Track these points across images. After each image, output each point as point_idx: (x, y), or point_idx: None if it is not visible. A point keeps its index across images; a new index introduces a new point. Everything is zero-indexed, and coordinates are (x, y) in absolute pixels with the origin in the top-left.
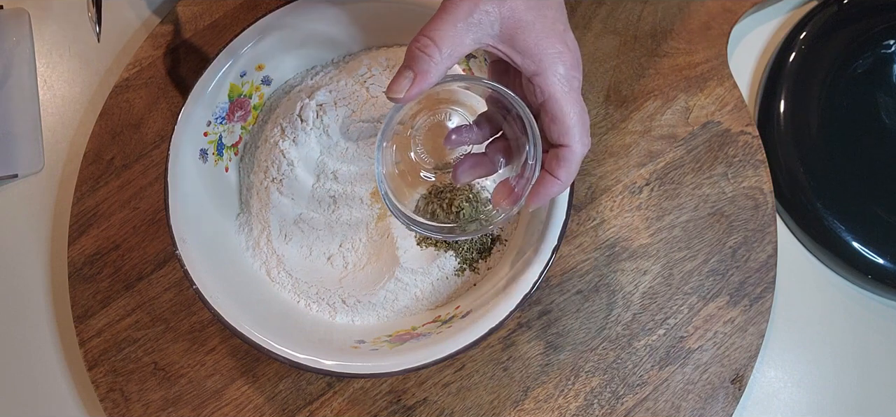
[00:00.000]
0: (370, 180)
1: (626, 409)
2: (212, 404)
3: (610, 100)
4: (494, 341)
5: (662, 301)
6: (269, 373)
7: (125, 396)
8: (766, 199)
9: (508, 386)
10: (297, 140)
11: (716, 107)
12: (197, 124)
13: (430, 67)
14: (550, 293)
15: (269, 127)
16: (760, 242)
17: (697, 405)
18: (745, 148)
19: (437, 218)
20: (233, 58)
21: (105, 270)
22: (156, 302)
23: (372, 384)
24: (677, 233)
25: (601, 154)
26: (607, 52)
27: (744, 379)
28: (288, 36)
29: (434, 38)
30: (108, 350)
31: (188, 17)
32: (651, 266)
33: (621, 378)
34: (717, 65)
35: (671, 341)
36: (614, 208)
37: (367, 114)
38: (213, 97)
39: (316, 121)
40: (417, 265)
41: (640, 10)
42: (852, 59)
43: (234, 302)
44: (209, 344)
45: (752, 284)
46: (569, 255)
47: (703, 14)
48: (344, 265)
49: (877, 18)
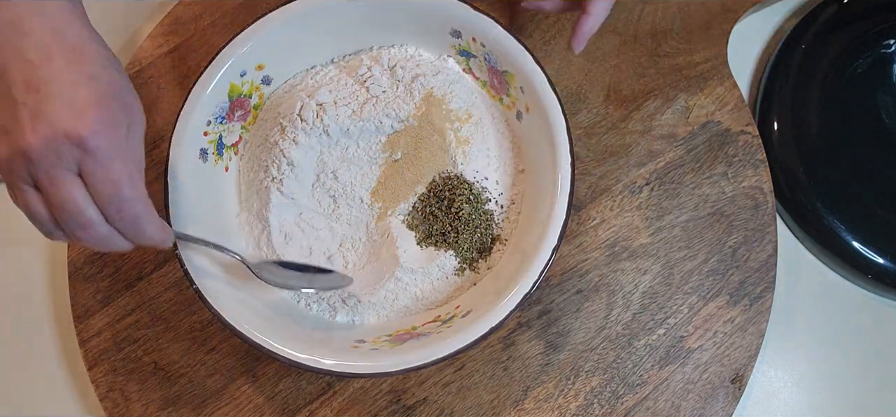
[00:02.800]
0: (370, 180)
1: (626, 409)
2: (212, 403)
3: (610, 99)
4: (494, 341)
5: (662, 300)
6: (269, 373)
7: (125, 396)
8: (766, 199)
9: (508, 386)
10: (297, 140)
11: (716, 107)
12: (197, 124)
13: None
14: (550, 293)
15: (268, 126)
16: (760, 242)
17: (697, 404)
18: (745, 147)
19: (436, 220)
20: (233, 57)
21: (105, 270)
22: (156, 301)
23: (372, 383)
24: (677, 233)
25: (601, 153)
26: (607, 51)
27: (744, 379)
28: (288, 35)
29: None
30: (108, 350)
31: (188, 16)
32: (651, 265)
33: (621, 378)
34: (717, 64)
35: (671, 341)
36: (614, 208)
37: (367, 114)
38: (213, 97)
39: (316, 120)
40: (417, 265)
41: (640, 10)
42: (852, 59)
43: (234, 301)
44: (209, 343)
45: (752, 284)
46: (569, 255)
47: (703, 14)
48: (344, 265)
49: (877, 18)
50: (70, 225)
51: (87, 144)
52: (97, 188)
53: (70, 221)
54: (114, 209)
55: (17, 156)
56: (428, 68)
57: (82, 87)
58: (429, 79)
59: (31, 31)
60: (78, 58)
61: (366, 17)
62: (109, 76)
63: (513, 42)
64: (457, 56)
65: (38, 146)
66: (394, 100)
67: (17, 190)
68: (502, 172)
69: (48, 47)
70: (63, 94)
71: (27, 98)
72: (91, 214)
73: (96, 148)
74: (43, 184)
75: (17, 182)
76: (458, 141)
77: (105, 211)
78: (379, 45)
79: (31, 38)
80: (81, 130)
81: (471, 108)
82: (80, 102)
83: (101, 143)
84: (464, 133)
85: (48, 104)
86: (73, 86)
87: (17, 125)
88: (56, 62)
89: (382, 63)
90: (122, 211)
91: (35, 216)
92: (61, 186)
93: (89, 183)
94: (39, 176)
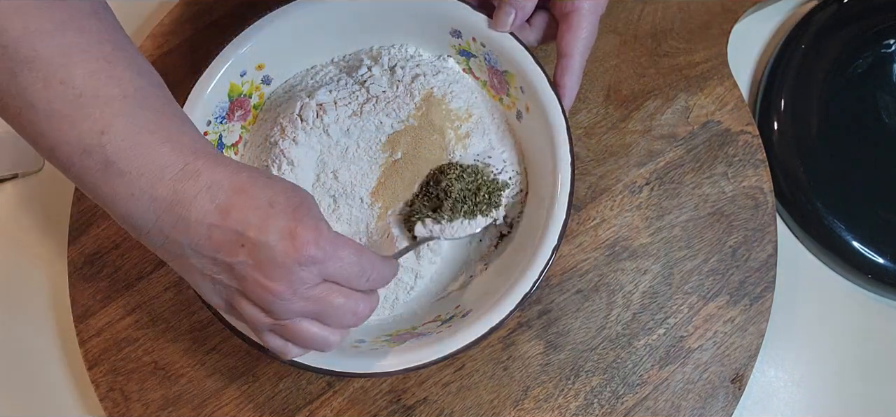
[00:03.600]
0: (370, 180)
1: (626, 409)
2: (212, 403)
3: (610, 99)
4: (494, 340)
5: (662, 300)
6: (269, 373)
7: (125, 396)
8: (766, 199)
9: (508, 386)
10: (297, 140)
11: (716, 107)
12: (197, 124)
13: (528, 3)
14: (550, 292)
15: (268, 126)
16: (760, 242)
17: (697, 404)
18: (745, 147)
19: (425, 205)
20: (233, 57)
21: (105, 269)
22: (156, 301)
23: (372, 383)
24: (677, 233)
25: (601, 153)
26: (607, 51)
27: (744, 379)
28: (288, 35)
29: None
30: (108, 350)
31: (188, 16)
32: (651, 265)
33: (621, 378)
34: (717, 64)
35: (671, 340)
36: (614, 207)
37: (368, 114)
38: (213, 97)
39: (316, 120)
40: (417, 265)
41: (640, 10)
42: (852, 59)
43: None
44: (209, 343)
45: (752, 284)
46: (569, 255)
47: (703, 13)
48: None
49: (877, 18)
50: (348, 321)
51: (317, 258)
52: (346, 278)
53: (348, 318)
54: (365, 281)
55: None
56: (428, 68)
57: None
58: (429, 79)
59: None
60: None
61: (366, 17)
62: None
63: (513, 42)
64: (457, 56)
65: (285, 288)
66: (394, 100)
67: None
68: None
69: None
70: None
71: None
72: (360, 300)
73: (323, 254)
74: (309, 309)
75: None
76: (457, 138)
77: (361, 287)
78: (379, 45)
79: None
80: (305, 251)
81: (471, 108)
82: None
83: (321, 247)
84: (464, 131)
85: (262, 251)
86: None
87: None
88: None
89: (382, 63)
90: (370, 276)
91: (313, 338)
92: (326, 299)
93: (337, 279)
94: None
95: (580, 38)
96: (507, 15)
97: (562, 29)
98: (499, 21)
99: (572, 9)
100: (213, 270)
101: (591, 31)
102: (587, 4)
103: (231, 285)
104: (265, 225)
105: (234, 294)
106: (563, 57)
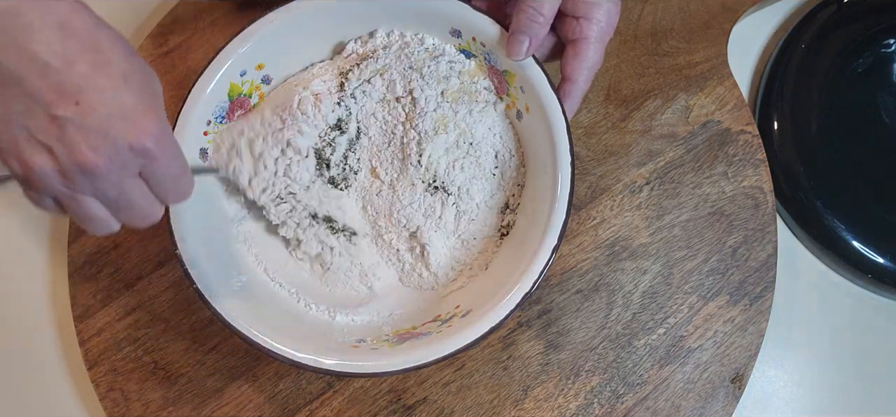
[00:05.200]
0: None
1: (626, 408)
2: (212, 403)
3: (610, 99)
4: (494, 340)
5: (662, 300)
6: (269, 373)
7: (125, 395)
8: (766, 198)
9: (508, 386)
10: (301, 130)
11: (716, 107)
12: (197, 124)
13: (541, 31)
14: (550, 292)
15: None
16: (760, 241)
17: (697, 404)
18: (745, 147)
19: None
20: (233, 57)
21: (105, 269)
22: (156, 301)
23: (372, 383)
24: (677, 233)
25: (601, 153)
26: (607, 51)
27: (744, 379)
28: (288, 35)
29: (537, 7)
30: (108, 350)
31: (188, 16)
32: (651, 265)
33: (621, 378)
34: (717, 64)
35: (671, 340)
36: (614, 207)
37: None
38: (213, 96)
39: (315, 111)
40: (418, 264)
41: (640, 10)
42: (852, 59)
43: (233, 301)
44: (209, 343)
45: (752, 283)
46: (569, 255)
47: (703, 13)
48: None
49: (877, 18)
50: (133, 220)
51: (151, 153)
52: (159, 183)
53: (135, 218)
54: (172, 194)
55: (74, 172)
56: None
57: (123, 92)
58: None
59: (37, 26)
60: (102, 59)
61: (365, 16)
62: (134, 67)
63: None
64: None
65: (104, 164)
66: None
67: (72, 200)
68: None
69: (63, 47)
70: (107, 104)
71: (67, 111)
72: (156, 208)
73: (159, 152)
74: (109, 195)
75: (72, 194)
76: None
77: (164, 198)
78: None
79: (38, 35)
80: (144, 141)
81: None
82: (130, 111)
83: (160, 145)
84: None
85: (96, 118)
86: (113, 93)
87: (65, 140)
88: (80, 66)
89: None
90: (178, 191)
91: (94, 219)
92: (130, 193)
93: (151, 181)
94: (106, 188)
95: (586, 67)
96: (521, 43)
97: (568, 53)
98: (513, 50)
99: (580, 36)
100: (26, 105)
101: (597, 59)
102: (595, 33)
103: (38, 129)
104: (113, 96)
105: (32, 140)
106: (567, 81)
